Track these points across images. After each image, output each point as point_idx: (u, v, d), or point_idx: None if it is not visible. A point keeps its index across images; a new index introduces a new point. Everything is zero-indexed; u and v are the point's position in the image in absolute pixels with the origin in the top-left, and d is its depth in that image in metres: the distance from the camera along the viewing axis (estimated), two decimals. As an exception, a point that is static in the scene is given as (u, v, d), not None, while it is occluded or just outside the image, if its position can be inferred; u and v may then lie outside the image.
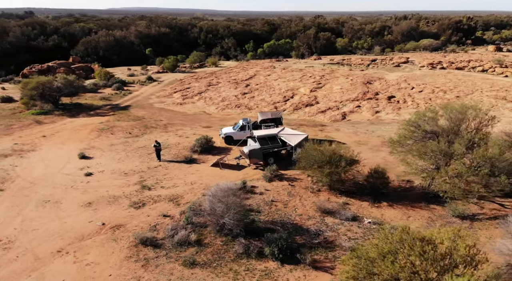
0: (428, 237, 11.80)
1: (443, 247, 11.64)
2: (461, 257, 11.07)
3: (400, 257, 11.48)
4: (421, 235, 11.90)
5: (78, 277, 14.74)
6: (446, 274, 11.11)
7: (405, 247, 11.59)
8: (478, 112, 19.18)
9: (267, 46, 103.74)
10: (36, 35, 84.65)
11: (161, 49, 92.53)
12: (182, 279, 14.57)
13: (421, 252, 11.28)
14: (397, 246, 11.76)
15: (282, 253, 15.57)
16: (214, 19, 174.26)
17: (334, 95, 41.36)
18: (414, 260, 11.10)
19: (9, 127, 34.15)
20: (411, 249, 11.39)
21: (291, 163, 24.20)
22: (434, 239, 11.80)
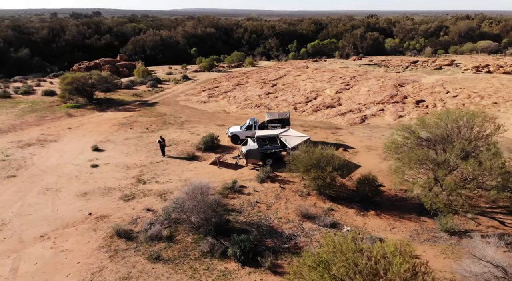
0: (365, 249, 11.06)
1: (383, 261, 10.88)
2: (394, 273, 10.25)
3: (333, 267, 10.90)
4: (360, 247, 11.19)
5: (49, 262, 15.63)
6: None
7: (336, 257, 10.97)
8: (476, 120, 17.52)
9: (311, 46, 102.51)
10: (90, 34, 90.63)
11: (205, 49, 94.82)
12: (141, 273, 14.92)
13: (352, 264, 10.63)
14: (330, 256, 11.15)
15: (244, 255, 15.38)
16: (267, 19, 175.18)
17: (359, 97, 39.86)
18: (343, 271, 10.49)
19: (43, 119, 36.98)
20: (343, 260, 10.76)
21: (285, 165, 23.75)
22: (370, 251, 11.05)
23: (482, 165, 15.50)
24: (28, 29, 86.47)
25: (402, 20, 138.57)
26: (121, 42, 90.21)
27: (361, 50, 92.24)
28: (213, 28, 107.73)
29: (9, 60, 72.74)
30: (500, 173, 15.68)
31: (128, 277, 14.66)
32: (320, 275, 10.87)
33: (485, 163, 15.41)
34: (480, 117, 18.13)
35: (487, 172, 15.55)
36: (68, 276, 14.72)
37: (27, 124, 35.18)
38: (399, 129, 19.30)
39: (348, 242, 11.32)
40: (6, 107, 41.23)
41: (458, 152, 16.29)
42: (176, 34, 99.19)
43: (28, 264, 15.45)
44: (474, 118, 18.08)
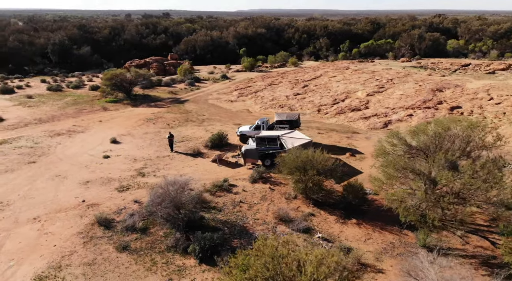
0: (284, 254, 10.61)
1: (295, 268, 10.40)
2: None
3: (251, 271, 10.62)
4: (280, 252, 10.75)
5: (32, 242, 16.98)
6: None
7: (257, 261, 10.65)
8: (473, 130, 15.88)
9: (364, 46, 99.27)
10: (148, 33, 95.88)
11: (254, 49, 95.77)
12: (105, 260, 15.65)
13: (264, 269, 10.27)
14: (252, 260, 10.86)
15: (202, 252, 15.49)
16: (330, 19, 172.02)
17: (389, 101, 37.84)
18: (253, 274, 10.20)
19: (81, 111, 39.99)
20: (258, 264, 10.42)
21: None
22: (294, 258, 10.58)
23: (461, 178, 14.05)
24: (92, 29, 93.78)
25: (470, 20, 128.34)
26: (175, 42, 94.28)
27: (418, 51, 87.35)
28: (264, 28, 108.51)
29: (72, 56, 79.56)
30: (485, 188, 14.11)
31: (91, 263, 15.46)
32: (236, 278, 10.68)
33: (464, 177, 13.94)
34: (479, 127, 16.40)
35: (469, 186, 14.06)
36: (41, 257, 15.89)
37: (65, 116, 38.29)
38: (388, 136, 18.07)
39: (269, 247, 10.96)
40: (54, 99, 45.19)
41: (442, 163, 14.90)
42: (228, 35, 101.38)
43: (13, 243, 16.92)
44: (471, 128, 16.40)
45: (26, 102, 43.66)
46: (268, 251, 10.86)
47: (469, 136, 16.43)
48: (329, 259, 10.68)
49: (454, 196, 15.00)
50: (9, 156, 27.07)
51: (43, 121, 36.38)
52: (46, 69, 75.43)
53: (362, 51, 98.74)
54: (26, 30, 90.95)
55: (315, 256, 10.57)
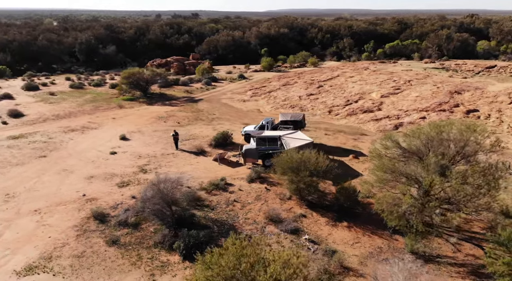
0: (247, 254, 10.54)
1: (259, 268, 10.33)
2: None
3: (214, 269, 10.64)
4: (245, 251, 10.69)
5: (29, 233, 17.68)
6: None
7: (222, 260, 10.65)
8: (464, 133, 15.25)
9: (389, 47, 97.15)
10: (172, 34, 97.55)
11: (276, 49, 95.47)
12: (93, 253, 16.09)
13: (226, 268, 10.26)
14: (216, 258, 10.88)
15: (186, 249, 15.65)
16: (359, 18, 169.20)
17: (403, 103, 36.87)
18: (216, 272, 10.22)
19: (97, 108, 41.23)
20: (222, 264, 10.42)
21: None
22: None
23: (448, 182, 13.55)
24: (118, 29, 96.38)
25: (503, 20, 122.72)
26: (198, 42, 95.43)
27: (446, 52, 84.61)
28: (287, 28, 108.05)
29: (98, 55, 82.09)
30: (476, 196, 13.55)
31: (80, 255, 15.94)
32: (199, 276, 10.74)
33: (452, 182, 13.42)
34: (476, 131, 15.74)
35: (456, 192, 13.53)
36: (35, 247, 16.53)
37: (82, 113, 39.59)
38: (382, 138, 17.61)
39: (237, 246, 10.93)
40: (74, 97, 46.80)
41: (432, 167, 14.41)
42: (250, 35, 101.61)
43: (11, 233, 17.68)
44: (468, 132, 15.76)
45: (48, 99, 45.44)
46: (233, 250, 10.85)
47: (465, 140, 15.78)
48: (295, 260, 10.59)
49: (444, 202, 14.47)
50: (23, 150, 28.28)
51: (60, 117, 37.77)
52: (73, 67, 78.22)
53: (387, 51, 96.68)
54: (56, 30, 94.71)
55: (280, 257, 10.48)
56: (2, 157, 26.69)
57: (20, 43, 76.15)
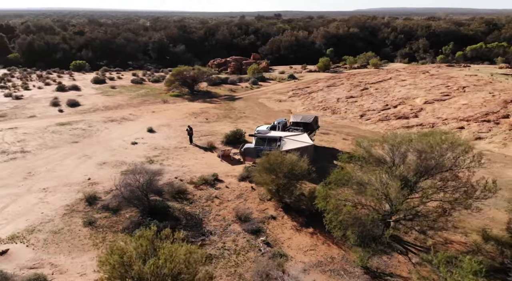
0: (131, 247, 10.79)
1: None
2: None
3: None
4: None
5: (29, 208, 19.90)
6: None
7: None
8: (437, 146, 13.66)
9: (470, 49, 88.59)
10: (239, 34, 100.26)
11: (343, 49, 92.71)
12: (69, 231, 17.64)
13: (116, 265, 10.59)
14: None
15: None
16: (456, 18, 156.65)
17: (445, 110, 33.59)
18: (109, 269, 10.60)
19: (143, 102, 44.37)
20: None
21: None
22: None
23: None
24: (190, 29, 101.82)
25: None
26: (263, 42, 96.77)
27: (541, 57, 74.78)
28: (357, 28, 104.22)
29: (169, 54, 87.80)
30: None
31: (57, 232, 17.62)
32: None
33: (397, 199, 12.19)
34: (451, 144, 14.03)
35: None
36: (26, 220, 18.63)
37: (128, 105, 42.98)
38: (355, 144, 16.51)
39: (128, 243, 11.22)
40: (130, 91, 50.89)
41: (381, 179, 13.25)
42: (317, 35, 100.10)
43: (15, 206, 20.13)
44: (442, 145, 14.12)
45: (107, 92, 50.08)
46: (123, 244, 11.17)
47: (438, 153, 14.17)
48: (179, 255, 10.64)
49: (389, 215, 13.24)
50: (63, 135, 31.73)
51: (109, 109, 41.46)
52: (146, 64, 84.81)
53: (468, 54, 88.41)
54: (136, 29, 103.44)
55: (164, 252, 10.61)
56: (43, 141, 30.29)
57: (102, 41, 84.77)
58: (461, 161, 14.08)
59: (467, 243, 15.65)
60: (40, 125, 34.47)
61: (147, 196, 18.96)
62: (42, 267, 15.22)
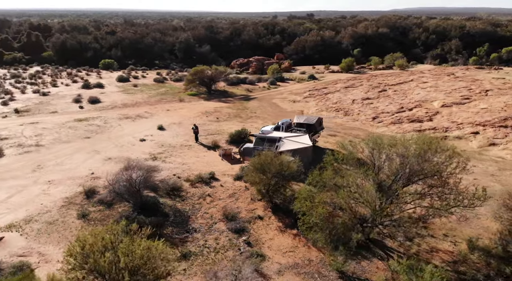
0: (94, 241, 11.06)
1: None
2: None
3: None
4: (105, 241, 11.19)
5: (31, 198, 20.84)
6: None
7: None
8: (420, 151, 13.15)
9: (506, 51, 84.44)
10: (265, 34, 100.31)
11: (371, 49, 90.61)
12: (62, 222, 18.36)
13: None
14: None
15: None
16: (499, 19, 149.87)
17: (462, 115, 32.16)
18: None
19: (160, 101, 45.36)
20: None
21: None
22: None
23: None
24: (217, 29, 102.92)
25: None
26: (288, 42, 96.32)
27: None
28: (387, 28, 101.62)
29: (194, 54, 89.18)
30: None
31: (51, 222, 18.38)
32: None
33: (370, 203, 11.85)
34: (435, 150, 13.47)
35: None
36: (26, 210, 19.56)
37: (146, 103, 44.07)
38: (339, 146, 16.16)
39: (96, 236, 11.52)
40: (151, 89, 52.17)
41: (356, 182, 12.92)
42: (345, 34, 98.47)
43: (19, 196, 21.15)
44: (427, 150, 13.58)
45: (128, 90, 51.58)
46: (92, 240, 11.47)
47: (422, 159, 13.65)
48: (136, 251, 10.84)
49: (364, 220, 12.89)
50: (78, 131, 32.99)
51: (127, 106, 42.70)
52: (172, 64, 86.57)
53: (503, 56, 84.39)
54: (164, 29, 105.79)
55: (122, 246, 10.85)
56: (58, 135, 31.64)
57: (131, 41, 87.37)
58: (445, 167, 13.45)
59: (454, 253, 14.95)
60: (59, 121, 36.03)
61: (140, 191, 19.41)
62: (30, 255, 15.94)
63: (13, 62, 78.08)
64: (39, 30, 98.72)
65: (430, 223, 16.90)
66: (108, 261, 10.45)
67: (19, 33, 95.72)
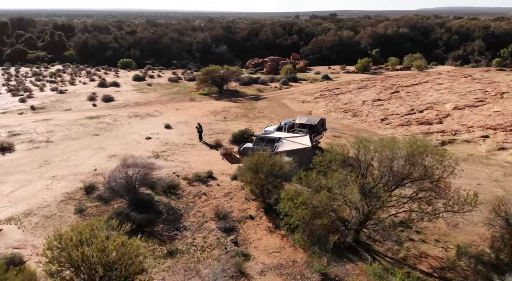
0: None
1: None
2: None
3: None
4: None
5: (34, 193, 21.45)
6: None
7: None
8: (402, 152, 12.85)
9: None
10: (282, 34, 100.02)
11: (390, 50, 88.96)
12: (59, 217, 18.84)
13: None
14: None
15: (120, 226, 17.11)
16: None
17: (473, 117, 31.18)
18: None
19: (172, 100, 45.93)
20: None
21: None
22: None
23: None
24: (235, 29, 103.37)
25: None
26: (305, 42, 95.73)
27: None
28: (407, 28, 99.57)
29: (211, 54, 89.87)
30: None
31: (49, 217, 18.90)
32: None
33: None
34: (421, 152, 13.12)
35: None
36: (27, 204, 20.19)
37: (157, 102, 44.71)
38: (329, 147, 15.93)
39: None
40: (164, 88, 52.92)
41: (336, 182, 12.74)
42: (363, 34, 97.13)
43: (23, 191, 21.84)
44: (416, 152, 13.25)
45: (142, 89, 52.48)
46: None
47: (409, 162, 13.34)
48: (111, 246, 11.02)
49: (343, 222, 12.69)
50: (87, 128, 33.80)
51: (138, 105, 43.45)
52: (189, 64, 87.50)
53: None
54: (183, 29, 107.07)
55: (97, 242, 11.05)
56: (68, 132, 32.51)
57: (149, 40, 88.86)
58: (432, 171, 13.08)
59: (444, 259, 14.52)
60: (71, 118, 37.02)
61: (136, 188, 19.71)
62: (24, 247, 16.44)
63: (36, 60, 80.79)
64: (62, 30, 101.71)
65: (424, 228, 16.56)
66: (81, 255, 10.65)
67: (43, 33, 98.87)
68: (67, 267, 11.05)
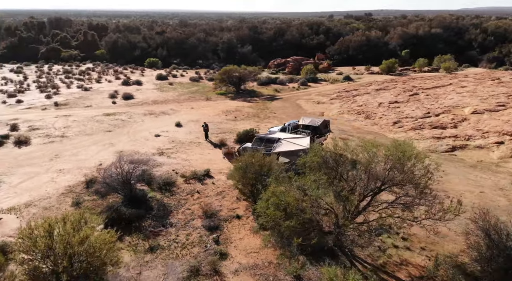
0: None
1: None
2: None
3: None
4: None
5: (39, 185, 22.45)
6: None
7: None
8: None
9: None
10: (308, 34, 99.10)
11: (421, 50, 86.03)
12: (56, 208, 19.60)
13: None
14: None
15: (109, 221, 17.58)
16: None
17: (490, 122, 29.61)
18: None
19: (189, 99, 46.63)
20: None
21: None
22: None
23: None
24: (261, 30, 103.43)
25: None
26: (332, 42, 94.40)
27: None
28: (440, 28, 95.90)
29: (236, 54, 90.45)
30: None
31: (47, 208, 19.71)
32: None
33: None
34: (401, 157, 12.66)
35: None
36: (29, 195, 21.18)
37: (174, 101, 45.55)
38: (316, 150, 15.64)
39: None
40: (184, 87, 53.82)
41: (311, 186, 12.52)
42: (393, 35, 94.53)
43: (29, 182, 22.91)
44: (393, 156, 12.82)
45: (163, 87, 53.63)
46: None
47: (388, 166, 12.92)
48: (74, 239, 11.37)
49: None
50: (102, 124, 34.97)
51: (156, 103, 44.46)
52: (214, 63, 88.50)
53: None
54: (210, 30, 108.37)
55: (62, 233, 11.43)
56: (84, 128, 33.77)
57: (176, 40, 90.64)
58: (410, 175, 12.59)
59: (424, 268, 13.92)
60: (90, 114, 38.42)
61: (131, 184, 20.19)
62: (18, 236, 17.25)
63: (69, 59, 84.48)
64: (96, 30, 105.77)
65: (411, 235, 15.99)
66: (44, 246, 11.06)
67: (77, 32, 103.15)
68: (34, 257, 11.54)
